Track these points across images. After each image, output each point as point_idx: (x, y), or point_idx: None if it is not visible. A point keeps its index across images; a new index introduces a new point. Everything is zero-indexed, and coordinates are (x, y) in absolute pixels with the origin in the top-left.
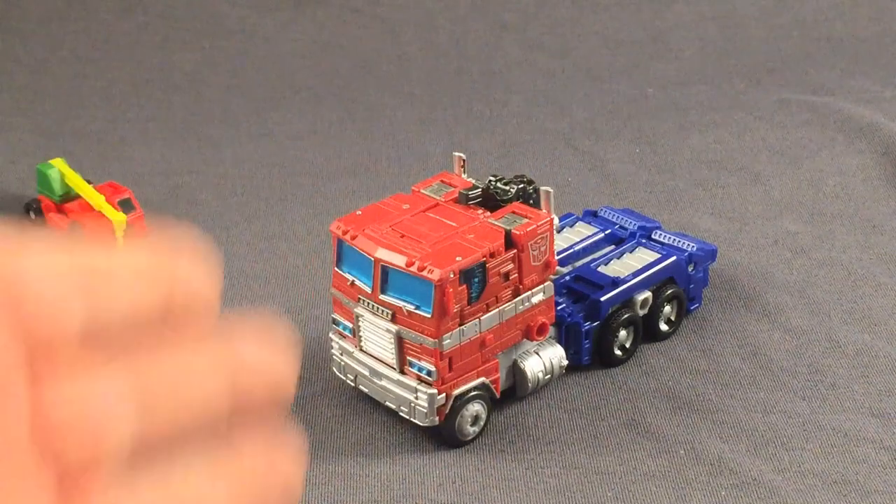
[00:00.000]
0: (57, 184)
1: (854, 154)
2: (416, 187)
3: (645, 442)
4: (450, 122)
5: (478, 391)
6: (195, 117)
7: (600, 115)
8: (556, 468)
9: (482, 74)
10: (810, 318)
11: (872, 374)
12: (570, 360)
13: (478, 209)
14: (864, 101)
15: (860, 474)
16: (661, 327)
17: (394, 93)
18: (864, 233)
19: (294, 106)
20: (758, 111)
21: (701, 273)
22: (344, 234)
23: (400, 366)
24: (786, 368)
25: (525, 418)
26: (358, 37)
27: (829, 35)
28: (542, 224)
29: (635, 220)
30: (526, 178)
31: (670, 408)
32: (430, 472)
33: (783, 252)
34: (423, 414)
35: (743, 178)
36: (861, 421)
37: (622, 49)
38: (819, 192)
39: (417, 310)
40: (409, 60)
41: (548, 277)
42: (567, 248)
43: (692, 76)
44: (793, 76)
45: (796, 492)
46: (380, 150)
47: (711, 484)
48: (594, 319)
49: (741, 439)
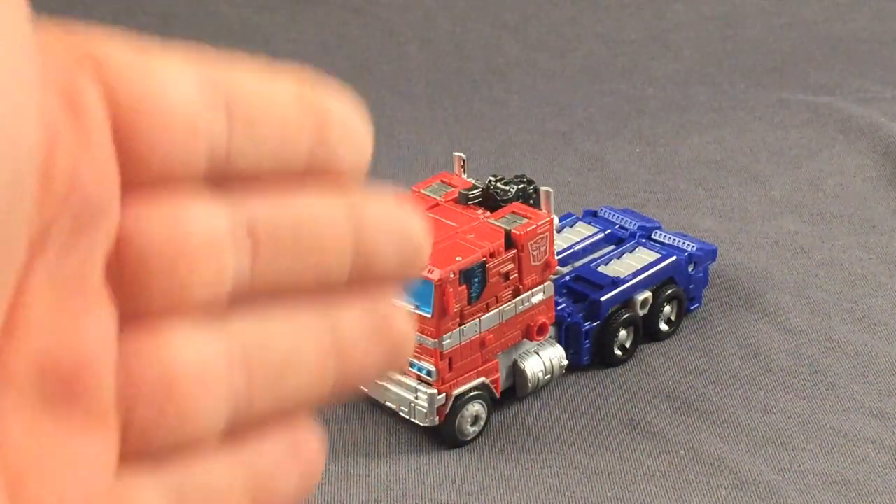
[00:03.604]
0: None
1: (854, 154)
2: (416, 187)
3: (645, 442)
4: (450, 122)
5: (478, 391)
6: None
7: (600, 115)
8: (556, 468)
9: (482, 74)
10: (810, 318)
11: (872, 374)
12: (570, 360)
13: (478, 209)
14: (864, 101)
15: (860, 474)
16: (661, 327)
17: (394, 93)
18: (864, 233)
19: None
20: (758, 111)
21: (701, 273)
22: None
23: None
24: (786, 368)
25: (525, 418)
26: (358, 37)
27: (829, 35)
28: (542, 224)
29: (635, 220)
30: (526, 178)
31: (670, 408)
32: (430, 472)
33: (783, 252)
34: (423, 414)
35: (743, 178)
36: (861, 421)
37: (622, 49)
38: (819, 192)
39: (417, 310)
40: (409, 60)
41: (548, 277)
42: (567, 248)
43: (692, 76)
44: (793, 76)
45: (796, 492)
46: (380, 150)
47: (711, 484)
48: (594, 319)
49: (741, 439)
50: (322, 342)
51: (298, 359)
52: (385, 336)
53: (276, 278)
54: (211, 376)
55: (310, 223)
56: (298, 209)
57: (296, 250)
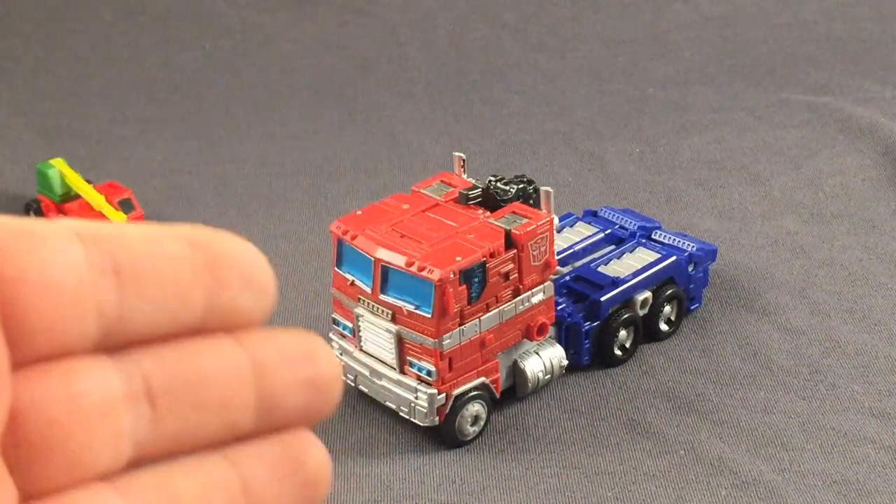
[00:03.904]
0: (57, 184)
1: (854, 154)
2: (416, 187)
3: (645, 442)
4: (450, 122)
5: (478, 391)
6: (195, 117)
7: (600, 115)
8: (556, 468)
9: (482, 74)
10: (810, 318)
11: (872, 374)
12: (570, 360)
13: (478, 209)
14: (864, 101)
15: (860, 474)
16: (661, 327)
17: (394, 93)
18: (864, 233)
19: (294, 106)
20: (758, 111)
21: (701, 273)
22: (344, 234)
23: (400, 366)
24: (786, 368)
25: (525, 418)
26: (358, 37)
27: (829, 35)
28: (542, 224)
29: (635, 220)
30: (526, 178)
31: (670, 408)
32: (430, 472)
33: (783, 252)
34: (423, 414)
35: (743, 178)
36: (861, 421)
37: (622, 49)
38: (819, 192)
39: (417, 310)
40: (409, 60)
41: (548, 277)
42: (567, 248)
43: (692, 76)
44: (793, 76)
45: (796, 492)
46: (380, 150)
47: (711, 484)
48: (594, 319)
49: (741, 439)
50: (231, 491)
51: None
52: (298, 475)
53: (179, 432)
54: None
55: (209, 376)
56: (197, 363)
57: (197, 404)
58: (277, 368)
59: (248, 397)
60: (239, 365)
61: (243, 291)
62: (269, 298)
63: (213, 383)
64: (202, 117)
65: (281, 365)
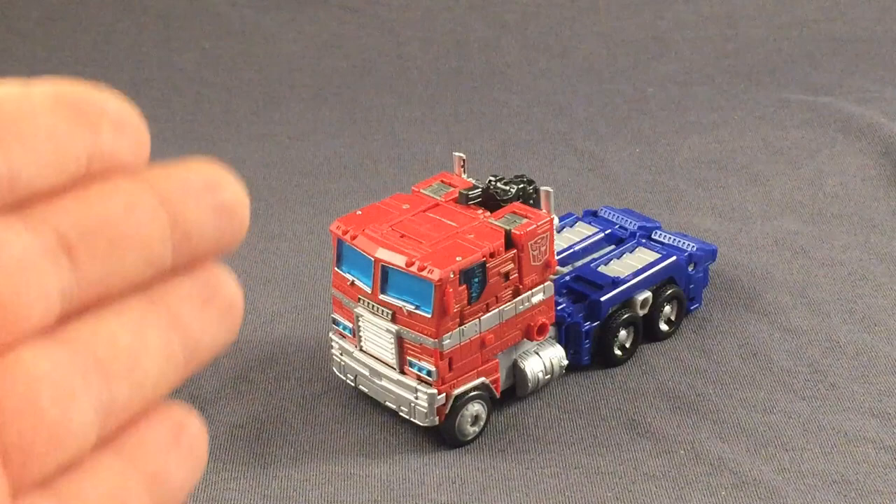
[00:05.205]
0: None
1: (854, 154)
2: (416, 187)
3: (645, 442)
4: (450, 122)
5: (478, 391)
6: (195, 117)
7: (600, 115)
8: (556, 468)
9: (482, 74)
10: (810, 318)
11: (872, 374)
12: (570, 360)
13: (478, 209)
14: (864, 101)
15: (860, 474)
16: (661, 327)
17: (394, 93)
18: (864, 233)
19: (294, 106)
20: (758, 111)
21: (701, 273)
22: (344, 234)
23: (400, 366)
24: (786, 368)
25: (525, 418)
26: (358, 37)
27: (829, 35)
28: (542, 224)
29: (635, 220)
30: (526, 178)
31: (670, 408)
32: (430, 472)
33: (783, 252)
34: (423, 414)
35: (743, 178)
36: (861, 421)
37: (622, 49)
38: (819, 192)
39: (417, 310)
40: (409, 60)
41: (548, 277)
42: (567, 248)
43: (692, 76)
44: (793, 76)
45: (796, 492)
46: (380, 150)
47: (711, 484)
48: (594, 319)
49: (741, 439)
50: (162, 326)
51: (146, 348)
52: (217, 303)
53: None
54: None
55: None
56: (104, 206)
57: (114, 245)
58: (184, 199)
59: (163, 231)
60: (145, 200)
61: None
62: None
63: (124, 222)
64: (202, 117)
65: (187, 195)
